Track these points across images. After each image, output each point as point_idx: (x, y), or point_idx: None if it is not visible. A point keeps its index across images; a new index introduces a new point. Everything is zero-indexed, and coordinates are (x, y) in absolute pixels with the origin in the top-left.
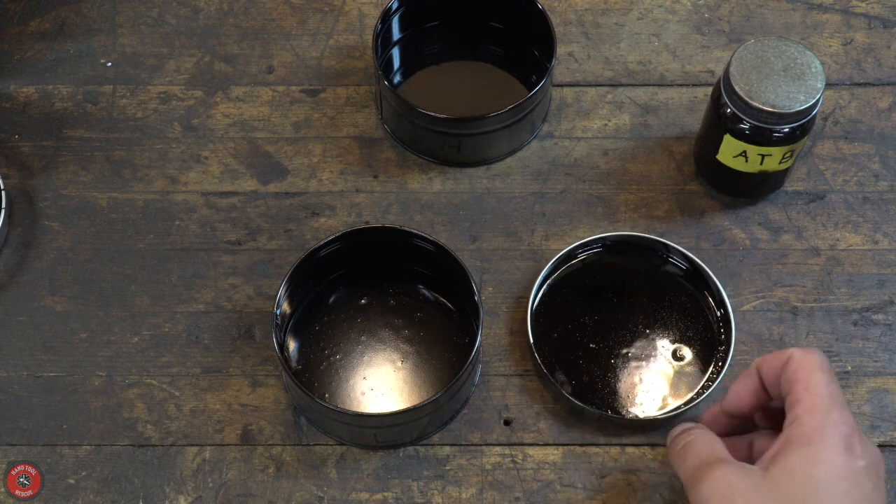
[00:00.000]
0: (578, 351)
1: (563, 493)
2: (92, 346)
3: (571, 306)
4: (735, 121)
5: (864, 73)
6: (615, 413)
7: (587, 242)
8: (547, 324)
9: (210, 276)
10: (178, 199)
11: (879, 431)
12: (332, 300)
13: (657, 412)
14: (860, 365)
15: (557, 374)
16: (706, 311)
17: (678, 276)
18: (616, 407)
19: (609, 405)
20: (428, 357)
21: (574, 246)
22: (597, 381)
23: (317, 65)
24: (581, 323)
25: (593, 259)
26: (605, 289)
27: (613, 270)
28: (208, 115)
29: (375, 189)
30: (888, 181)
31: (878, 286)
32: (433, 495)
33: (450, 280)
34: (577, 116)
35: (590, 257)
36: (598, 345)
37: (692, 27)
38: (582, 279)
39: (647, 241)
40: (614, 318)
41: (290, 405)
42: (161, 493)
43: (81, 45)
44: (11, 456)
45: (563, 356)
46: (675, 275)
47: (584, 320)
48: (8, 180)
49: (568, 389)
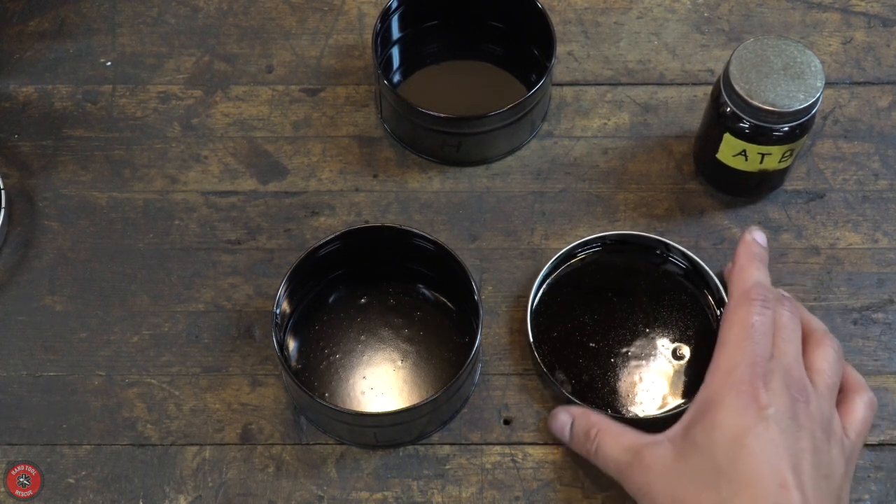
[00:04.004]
0: (578, 350)
1: (563, 493)
2: (92, 345)
3: (571, 306)
4: (735, 120)
5: (864, 71)
6: (615, 412)
7: (586, 241)
8: (547, 323)
9: (210, 276)
10: (178, 199)
11: (879, 431)
12: (331, 300)
13: (658, 411)
14: (860, 364)
15: (557, 374)
16: (706, 309)
17: (678, 274)
18: (616, 406)
19: (609, 404)
20: (428, 356)
21: (573, 245)
22: (597, 380)
23: (316, 64)
24: (581, 322)
25: (593, 258)
26: (604, 288)
27: (613, 269)
28: (208, 115)
29: (375, 188)
30: (888, 180)
31: (878, 285)
32: (433, 495)
33: (449, 279)
34: (576, 115)
35: (589, 256)
36: (597, 344)
37: (692, 26)
38: (581, 278)
39: (647, 239)
40: (614, 317)
41: (290, 405)
42: (161, 493)
43: (81, 45)
44: (11, 456)
45: (563, 355)
46: (674, 273)
47: (583, 319)
48: (8, 180)
49: (568, 389)
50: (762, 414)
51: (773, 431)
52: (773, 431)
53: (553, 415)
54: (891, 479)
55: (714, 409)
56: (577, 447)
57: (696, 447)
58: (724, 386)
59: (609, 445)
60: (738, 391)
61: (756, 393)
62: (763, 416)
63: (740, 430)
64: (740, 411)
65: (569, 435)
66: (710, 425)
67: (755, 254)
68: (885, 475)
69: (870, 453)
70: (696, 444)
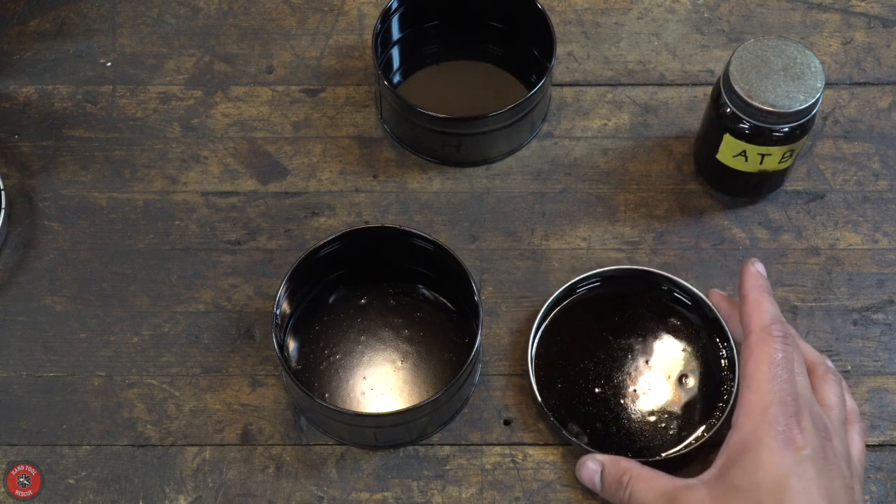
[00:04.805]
0: (586, 398)
1: (563, 493)
2: (92, 346)
3: (569, 353)
4: (735, 120)
5: (864, 72)
6: (636, 455)
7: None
8: (549, 376)
9: (210, 276)
10: (178, 199)
11: (879, 431)
12: (331, 300)
13: (678, 446)
14: (860, 364)
15: (571, 426)
16: (701, 331)
17: (667, 300)
18: (636, 447)
19: (628, 447)
20: (428, 357)
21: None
22: (610, 426)
23: (316, 64)
24: (583, 368)
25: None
26: (598, 328)
27: (602, 308)
28: (208, 115)
29: (375, 189)
30: (888, 180)
31: (878, 286)
32: (433, 495)
33: (450, 280)
34: (576, 116)
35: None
36: (603, 388)
37: (692, 27)
38: (574, 322)
39: (628, 272)
40: (614, 356)
41: (290, 405)
42: (161, 493)
43: (81, 45)
44: (11, 456)
45: (572, 406)
46: (663, 300)
47: (584, 365)
48: (8, 180)
49: (584, 440)
50: (800, 455)
51: (811, 472)
52: (812, 472)
53: (581, 463)
54: (891, 480)
55: (753, 452)
56: (609, 495)
57: (737, 490)
58: (759, 427)
59: (643, 491)
60: (775, 431)
61: (791, 434)
62: (801, 457)
63: (783, 471)
64: (780, 452)
65: (599, 484)
66: (752, 468)
67: (763, 286)
68: (885, 475)
69: (870, 454)
70: (736, 488)
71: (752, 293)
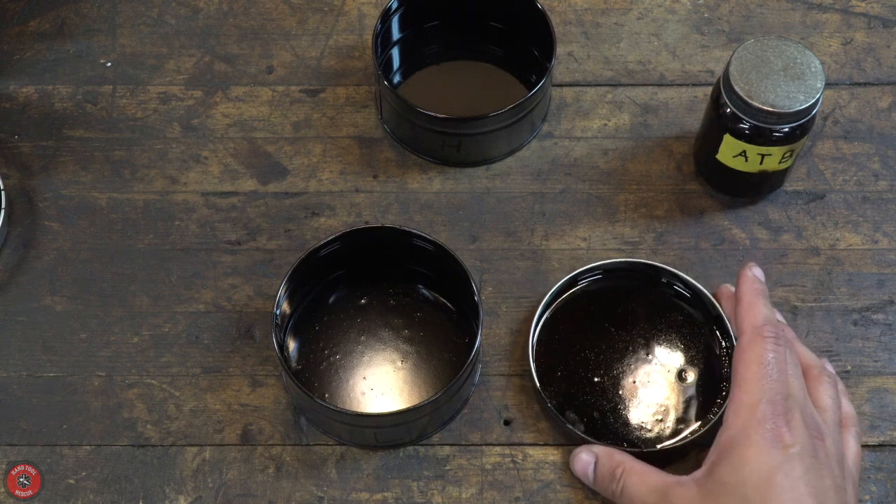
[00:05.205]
0: (585, 387)
1: (563, 493)
2: (92, 346)
3: (570, 342)
4: (735, 120)
5: (864, 72)
6: (632, 445)
7: (575, 276)
8: (549, 364)
9: (210, 276)
10: (178, 199)
11: (879, 431)
12: (331, 300)
13: (673, 439)
14: (860, 364)
15: (568, 414)
16: (703, 327)
17: (670, 295)
18: (631, 439)
19: (624, 437)
20: (428, 357)
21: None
22: (608, 415)
23: (316, 65)
24: (583, 357)
25: (584, 290)
26: (600, 319)
27: (605, 299)
28: (208, 115)
29: (375, 189)
30: (888, 181)
31: (878, 286)
32: (433, 495)
33: (450, 280)
34: (576, 116)
35: (580, 289)
36: (602, 378)
37: (692, 27)
38: (576, 312)
39: (634, 265)
40: (614, 347)
41: (290, 405)
42: (161, 493)
43: (81, 45)
44: (11, 456)
45: (571, 394)
46: (666, 295)
47: (585, 354)
48: (8, 180)
49: (581, 428)
50: (788, 452)
51: (799, 470)
52: (800, 470)
53: (575, 455)
54: (891, 480)
55: (740, 448)
56: (601, 487)
57: (724, 487)
58: (747, 425)
59: (635, 486)
60: (763, 429)
61: (779, 431)
62: (789, 455)
63: (769, 468)
64: (767, 450)
65: (592, 475)
66: (738, 464)
67: (759, 290)
68: (886, 476)
69: (870, 454)
70: (723, 484)
71: (746, 296)
